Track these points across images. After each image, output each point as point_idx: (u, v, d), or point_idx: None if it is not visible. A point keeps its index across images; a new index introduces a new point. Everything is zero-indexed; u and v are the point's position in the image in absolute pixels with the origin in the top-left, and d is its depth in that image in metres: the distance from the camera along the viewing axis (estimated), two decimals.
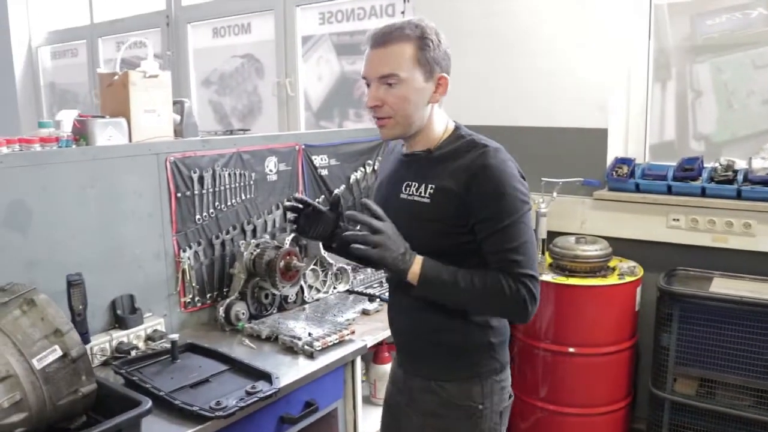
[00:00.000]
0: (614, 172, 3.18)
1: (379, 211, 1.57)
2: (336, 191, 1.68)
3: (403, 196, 1.66)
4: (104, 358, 2.18)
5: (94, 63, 5.78)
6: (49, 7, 6.16)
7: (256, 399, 1.86)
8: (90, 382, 1.65)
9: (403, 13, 3.69)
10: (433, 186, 1.60)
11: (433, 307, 1.64)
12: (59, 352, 1.59)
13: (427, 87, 1.59)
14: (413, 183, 1.64)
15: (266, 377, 1.99)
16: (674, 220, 3.06)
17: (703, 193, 2.98)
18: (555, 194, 3.18)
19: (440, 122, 1.68)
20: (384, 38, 1.56)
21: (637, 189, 3.12)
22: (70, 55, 6.11)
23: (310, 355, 2.21)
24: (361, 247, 1.52)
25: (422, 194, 1.62)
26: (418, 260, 1.57)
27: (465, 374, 1.70)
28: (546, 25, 3.27)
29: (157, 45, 5.22)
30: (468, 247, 1.60)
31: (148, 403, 1.65)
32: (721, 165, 2.99)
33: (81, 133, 2.32)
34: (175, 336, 2.15)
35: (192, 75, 5.06)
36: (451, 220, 1.58)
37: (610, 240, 3.07)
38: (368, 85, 1.61)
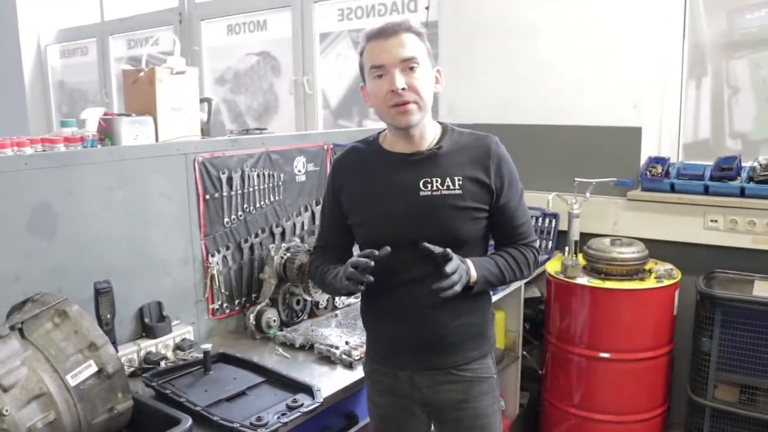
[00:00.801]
0: (648, 172, 3.08)
1: (446, 251, 1.60)
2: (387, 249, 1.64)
3: (425, 193, 1.70)
4: (132, 369, 2.08)
5: (104, 61, 5.68)
6: (58, 6, 6.06)
7: (298, 414, 1.77)
8: (126, 399, 1.56)
9: (427, 8, 3.59)
10: (460, 177, 1.70)
11: (460, 294, 1.66)
12: (95, 368, 1.50)
13: (432, 76, 1.71)
14: (434, 179, 1.70)
15: (306, 390, 1.90)
16: (712, 221, 2.97)
17: (742, 193, 2.88)
18: (588, 195, 3.08)
19: (432, 120, 1.78)
20: (395, 28, 1.64)
21: (672, 189, 3.03)
22: (80, 53, 6.01)
23: (349, 365, 2.12)
24: (450, 292, 1.59)
25: (451, 186, 1.69)
26: (471, 265, 1.69)
27: (483, 351, 1.83)
28: (578, 21, 3.18)
29: (169, 43, 5.13)
30: (484, 232, 1.78)
31: (188, 421, 1.56)
32: (760, 164, 2.89)
33: (106, 133, 2.23)
34: (207, 346, 2.05)
35: (206, 73, 4.96)
36: (481, 206, 1.72)
37: (645, 241, 2.98)
38: (380, 76, 1.64)
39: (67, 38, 6.07)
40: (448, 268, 1.58)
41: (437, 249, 1.61)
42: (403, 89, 1.62)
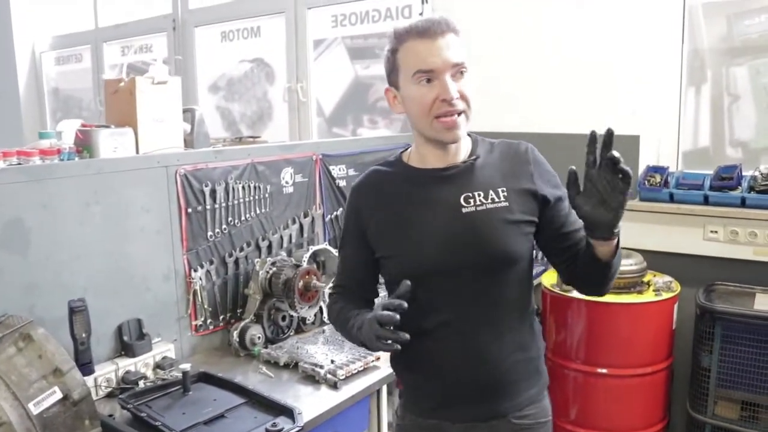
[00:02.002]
0: (646, 182, 3.01)
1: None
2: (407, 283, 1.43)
3: (468, 209, 1.49)
4: (109, 389, 2.02)
5: (98, 68, 5.63)
6: (53, 12, 6.02)
7: None
8: (94, 426, 1.49)
9: (421, 14, 3.53)
10: (504, 188, 1.52)
11: (515, 325, 1.52)
12: (59, 395, 1.43)
13: None
14: (476, 193, 1.51)
15: (287, 412, 1.83)
16: (712, 232, 2.89)
17: (743, 203, 2.80)
18: None
19: None
20: (441, 26, 1.46)
21: (672, 199, 2.95)
22: (74, 60, 5.96)
23: (334, 385, 2.04)
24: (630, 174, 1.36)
25: (496, 200, 1.50)
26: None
27: (539, 389, 1.61)
28: (574, 27, 3.12)
29: (163, 49, 5.08)
30: (531, 250, 1.56)
31: None
32: (761, 173, 2.81)
33: (84, 145, 2.17)
34: (186, 366, 1.98)
35: (199, 80, 4.90)
36: (531, 218, 1.53)
37: (643, 253, 2.90)
38: (428, 81, 1.45)
39: (62, 45, 6.02)
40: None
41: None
42: (456, 98, 1.44)
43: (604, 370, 2.80)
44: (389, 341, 1.39)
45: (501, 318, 1.51)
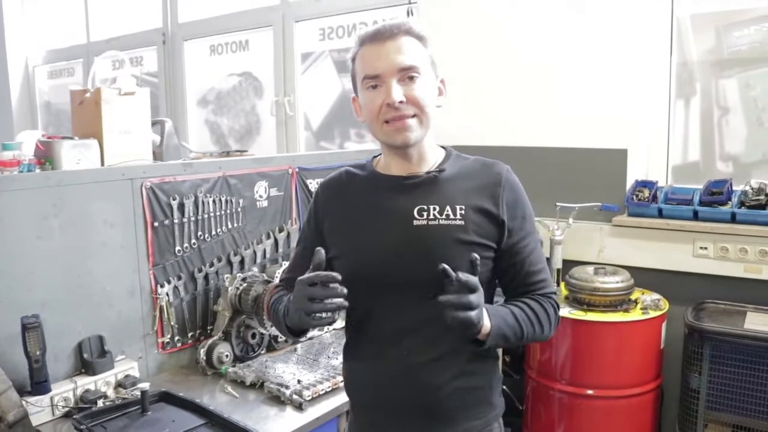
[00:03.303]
0: (635, 196, 2.93)
1: (464, 276, 1.27)
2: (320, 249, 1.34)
3: (419, 222, 1.43)
4: (66, 409, 1.94)
5: (89, 82, 5.59)
6: (46, 27, 6.02)
7: None
8: None
9: None
10: (463, 206, 1.44)
11: (458, 350, 1.43)
12: None
13: (436, 86, 1.49)
14: (431, 206, 1.43)
15: None
16: (701, 248, 2.81)
17: (733, 219, 2.73)
18: (571, 220, 2.93)
19: (434, 141, 1.53)
20: (392, 31, 1.41)
21: (660, 214, 2.88)
22: (67, 74, 5.94)
23: (299, 406, 1.97)
24: (461, 314, 1.25)
25: (451, 216, 1.43)
26: (485, 310, 1.36)
27: (486, 421, 1.51)
28: (560, 40, 3.06)
29: (153, 63, 5.05)
30: (490, 276, 1.49)
31: None
32: (752, 188, 2.74)
33: (46, 156, 2.11)
34: (145, 385, 1.91)
35: (188, 94, 4.86)
36: (487, 242, 1.45)
37: (631, 270, 2.83)
38: (374, 87, 1.41)
39: (54, 59, 6.01)
40: (471, 279, 1.26)
41: (450, 270, 1.25)
42: (401, 102, 1.38)
43: (590, 391, 2.71)
44: (326, 304, 1.29)
45: (441, 340, 1.42)
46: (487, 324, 1.34)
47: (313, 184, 2.72)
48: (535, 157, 3.13)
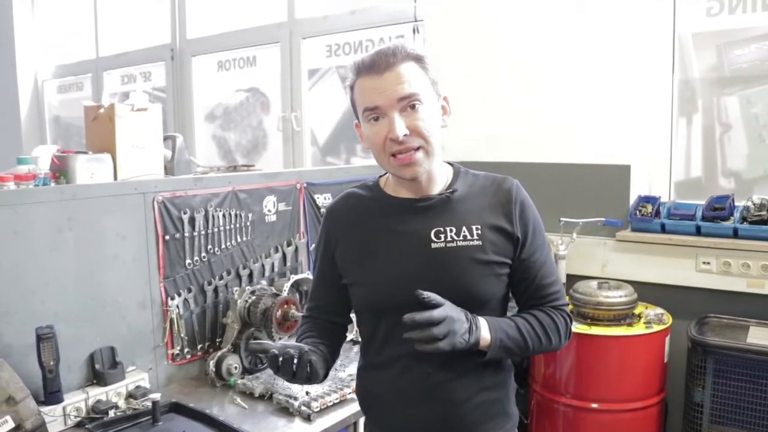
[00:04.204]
0: (638, 212, 2.96)
1: (435, 297, 1.32)
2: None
3: (437, 245, 1.43)
4: (78, 419, 1.97)
5: (98, 96, 5.66)
6: (56, 42, 6.09)
7: None
8: None
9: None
10: (479, 226, 1.44)
11: (479, 366, 1.44)
12: (11, 424, 1.40)
13: (438, 109, 1.46)
14: (448, 228, 1.43)
15: None
16: (704, 263, 2.83)
17: (736, 234, 2.75)
18: (575, 235, 2.97)
19: (440, 158, 1.50)
20: (389, 59, 1.37)
21: (663, 230, 2.90)
22: (76, 89, 6.01)
23: (307, 418, 2.00)
24: (430, 347, 1.29)
25: (468, 237, 1.43)
26: (484, 324, 1.40)
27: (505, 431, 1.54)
28: (564, 57, 3.10)
29: (161, 78, 5.11)
30: (505, 291, 1.51)
31: None
32: (754, 204, 2.77)
33: (61, 171, 2.15)
34: (156, 395, 1.94)
35: (196, 109, 4.92)
36: (504, 260, 1.46)
37: (634, 284, 2.85)
38: (376, 119, 1.39)
39: (63, 74, 6.08)
40: (433, 314, 1.28)
41: (427, 294, 1.31)
42: (406, 135, 1.36)
43: (594, 405, 2.73)
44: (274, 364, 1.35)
45: (463, 358, 1.41)
46: (486, 336, 1.38)
47: (321, 199, 2.76)
48: (539, 173, 3.17)
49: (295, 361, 1.35)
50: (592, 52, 3.04)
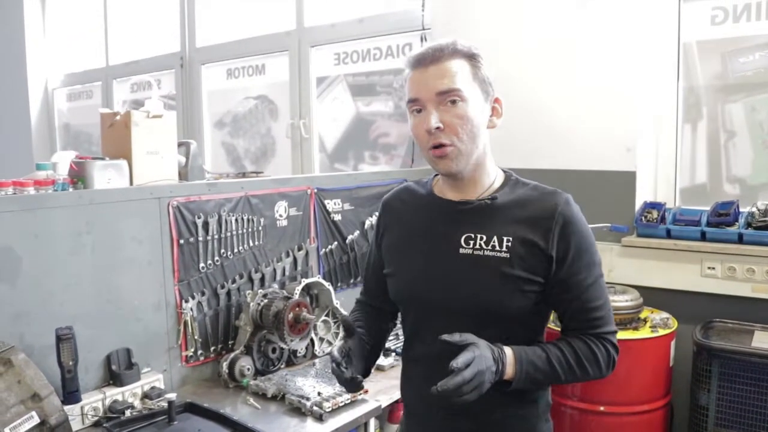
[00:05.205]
0: (643, 218, 3.00)
1: (460, 339, 1.29)
2: (344, 314, 1.39)
3: (465, 251, 1.41)
4: (96, 418, 2.01)
5: (108, 104, 5.73)
6: (66, 50, 6.17)
7: None
8: None
9: None
10: (510, 238, 1.40)
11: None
12: (36, 420, 1.44)
13: (485, 108, 1.45)
14: (478, 235, 1.41)
15: None
16: (709, 268, 2.86)
17: (741, 239, 2.79)
18: None
19: (493, 164, 1.52)
20: (435, 54, 1.38)
21: (669, 235, 2.94)
22: (85, 96, 6.08)
23: (319, 418, 2.03)
24: (460, 401, 1.25)
25: (497, 248, 1.39)
26: (510, 357, 1.36)
27: None
28: (569, 64, 3.14)
29: (170, 86, 5.17)
30: (539, 308, 1.44)
31: None
32: (758, 210, 2.80)
33: (79, 176, 2.20)
34: (172, 395, 1.98)
35: (205, 116, 4.98)
36: (533, 277, 1.40)
37: (640, 289, 2.88)
38: (418, 111, 1.40)
39: (73, 82, 6.16)
40: (465, 376, 1.23)
41: (455, 338, 1.27)
42: (438, 128, 1.36)
43: (601, 408, 2.75)
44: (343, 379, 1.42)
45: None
46: (509, 372, 1.34)
47: (331, 204, 2.81)
48: (546, 180, 3.18)
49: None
50: (598, 60, 3.07)
